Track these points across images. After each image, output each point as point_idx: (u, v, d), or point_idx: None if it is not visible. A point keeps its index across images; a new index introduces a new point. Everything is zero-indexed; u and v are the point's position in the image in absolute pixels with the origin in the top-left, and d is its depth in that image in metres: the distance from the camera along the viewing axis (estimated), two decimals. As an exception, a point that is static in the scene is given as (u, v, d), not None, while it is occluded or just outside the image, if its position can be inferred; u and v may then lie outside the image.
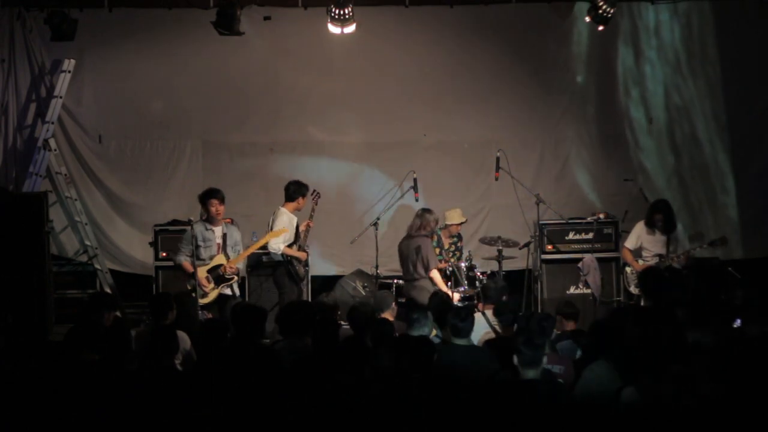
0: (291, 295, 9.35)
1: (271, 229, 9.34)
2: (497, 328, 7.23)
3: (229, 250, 8.99)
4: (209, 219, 8.99)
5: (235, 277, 9.03)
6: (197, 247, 8.85)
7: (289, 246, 9.37)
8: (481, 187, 11.14)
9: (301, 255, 9.46)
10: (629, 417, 4.83)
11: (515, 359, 5.16)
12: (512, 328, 6.77)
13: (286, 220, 9.37)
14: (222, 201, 8.93)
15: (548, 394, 5.02)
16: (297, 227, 9.46)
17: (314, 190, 9.68)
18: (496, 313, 7.22)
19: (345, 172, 11.09)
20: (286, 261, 9.37)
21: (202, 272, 8.85)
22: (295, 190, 9.46)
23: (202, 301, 8.79)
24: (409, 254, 9.43)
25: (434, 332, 6.87)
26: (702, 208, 11.14)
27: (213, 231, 8.99)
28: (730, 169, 11.15)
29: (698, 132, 11.16)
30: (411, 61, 11.02)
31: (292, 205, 9.45)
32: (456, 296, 9.19)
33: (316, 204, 9.62)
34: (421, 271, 9.33)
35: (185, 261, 8.81)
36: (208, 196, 8.95)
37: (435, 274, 9.33)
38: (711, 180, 11.20)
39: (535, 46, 11.06)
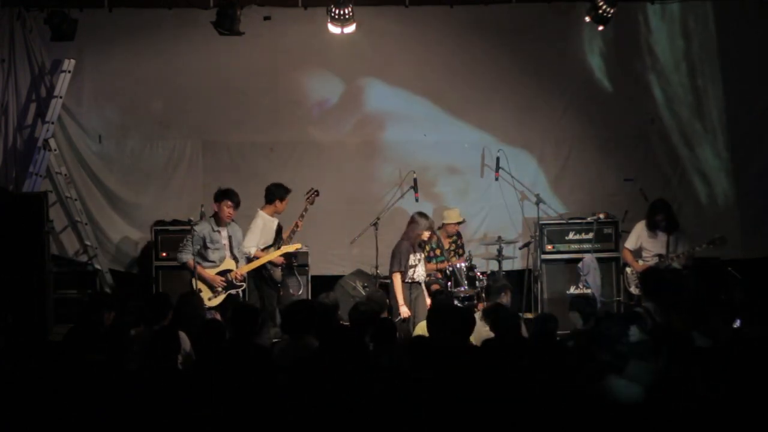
0: (270, 299, 9.20)
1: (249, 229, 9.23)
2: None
3: (235, 251, 8.98)
4: (217, 220, 8.94)
5: (244, 284, 9.02)
6: (206, 248, 8.84)
7: (265, 249, 9.22)
8: (481, 187, 11.13)
9: (277, 259, 9.14)
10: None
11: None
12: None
13: (260, 223, 9.21)
14: (237, 206, 8.89)
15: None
16: (279, 230, 9.31)
17: (311, 188, 9.50)
18: (482, 315, 7.19)
19: (345, 172, 11.07)
20: (262, 265, 9.18)
21: (211, 275, 8.84)
22: (272, 193, 9.25)
23: (209, 303, 8.77)
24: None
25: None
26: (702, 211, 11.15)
27: (219, 232, 8.96)
28: (730, 170, 11.17)
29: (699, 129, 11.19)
30: (411, 61, 11.02)
31: (270, 208, 9.25)
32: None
33: (312, 203, 9.39)
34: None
35: (191, 260, 8.77)
36: (225, 196, 8.86)
37: (394, 277, 8.97)
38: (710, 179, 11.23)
39: (535, 46, 11.03)
